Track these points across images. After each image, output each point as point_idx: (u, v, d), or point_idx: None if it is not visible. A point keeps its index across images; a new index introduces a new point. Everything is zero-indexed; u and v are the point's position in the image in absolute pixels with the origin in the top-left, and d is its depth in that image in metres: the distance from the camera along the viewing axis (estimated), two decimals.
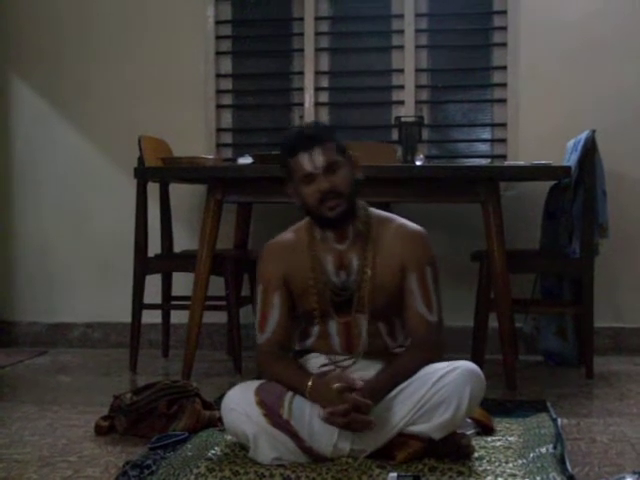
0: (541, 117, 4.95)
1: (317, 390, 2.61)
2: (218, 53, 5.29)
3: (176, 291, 4.90)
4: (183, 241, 5.01)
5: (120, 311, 4.95)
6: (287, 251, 2.84)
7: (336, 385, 2.56)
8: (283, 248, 2.85)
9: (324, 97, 5.26)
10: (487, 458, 2.67)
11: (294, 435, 2.60)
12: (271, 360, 2.79)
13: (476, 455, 2.68)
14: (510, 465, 2.61)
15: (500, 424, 3.09)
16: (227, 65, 5.34)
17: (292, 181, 2.77)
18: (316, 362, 2.82)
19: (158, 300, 4.86)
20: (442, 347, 2.80)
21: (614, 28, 4.93)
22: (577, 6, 4.95)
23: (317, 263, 2.79)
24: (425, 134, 5.00)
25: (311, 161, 2.68)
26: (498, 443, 2.86)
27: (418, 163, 4.25)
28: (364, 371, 2.74)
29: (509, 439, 2.91)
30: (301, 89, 5.24)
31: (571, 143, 4.50)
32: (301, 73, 5.24)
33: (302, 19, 5.23)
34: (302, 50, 5.23)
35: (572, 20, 4.95)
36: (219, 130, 5.29)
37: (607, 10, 4.93)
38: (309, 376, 2.68)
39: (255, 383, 2.73)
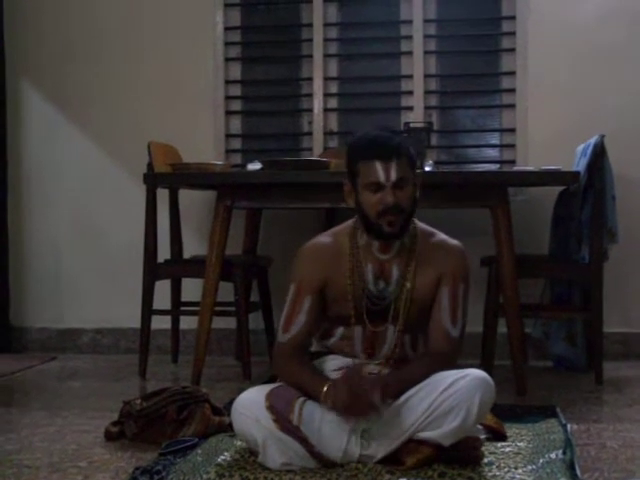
0: (550, 122, 4.95)
1: (331, 394, 2.60)
2: (227, 59, 5.30)
3: (185, 297, 4.90)
4: (192, 247, 5.02)
5: (129, 317, 4.95)
6: (326, 255, 2.82)
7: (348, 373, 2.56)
8: (322, 252, 2.83)
9: (333, 103, 5.27)
10: (497, 464, 2.67)
11: (304, 440, 2.60)
12: (289, 361, 2.78)
13: (485, 461, 2.68)
14: (520, 471, 2.60)
15: (509, 430, 3.08)
16: (236, 71, 5.35)
17: (354, 182, 2.74)
18: (332, 364, 2.82)
19: (167, 306, 4.86)
20: (456, 360, 2.80)
21: (623, 33, 4.92)
22: (586, 11, 4.95)
23: (357, 269, 2.79)
24: (434, 140, 5.00)
25: (385, 172, 2.66)
26: (507, 449, 2.85)
27: (427, 169, 4.25)
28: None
29: (518, 445, 2.91)
30: (310, 95, 5.25)
31: (580, 148, 4.50)
32: (310, 79, 5.25)
33: (311, 25, 5.24)
34: (311, 56, 5.24)
35: (581, 25, 4.95)
36: (228, 136, 5.30)
37: (616, 15, 4.93)
38: (325, 381, 2.67)
39: (265, 388, 2.73)
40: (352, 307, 2.78)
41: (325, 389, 2.63)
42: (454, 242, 2.85)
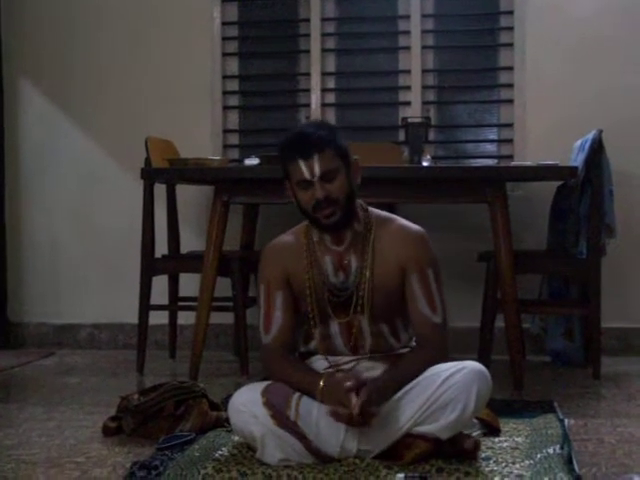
0: (548, 117, 4.95)
1: (329, 390, 2.60)
2: (225, 54, 5.30)
3: (183, 292, 4.90)
4: (190, 242, 5.01)
5: (127, 312, 4.95)
6: (286, 252, 2.84)
7: (347, 384, 2.55)
8: (282, 249, 2.86)
9: (330, 98, 5.26)
10: (494, 459, 2.67)
11: (301, 436, 2.60)
12: (279, 360, 2.79)
13: (483, 456, 2.68)
14: (517, 466, 2.61)
15: (507, 424, 3.08)
16: (234, 66, 5.34)
17: (290, 182, 2.76)
18: (319, 365, 2.82)
19: (165, 301, 4.86)
20: (446, 348, 2.79)
21: (621, 27, 4.92)
22: (584, 6, 4.95)
23: (315, 264, 2.79)
24: (432, 135, 5.00)
25: (308, 169, 2.67)
26: (505, 444, 2.85)
27: (425, 164, 4.25)
28: (369, 372, 2.73)
29: (516, 440, 2.91)
30: (308, 90, 5.24)
31: (578, 143, 4.49)
32: (308, 74, 5.24)
33: (308, 20, 5.23)
34: (308, 51, 5.23)
35: (579, 20, 4.95)
36: (226, 131, 5.30)
37: (614, 9, 4.93)
38: (320, 376, 2.67)
39: (262, 384, 2.73)
40: (312, 302, 2.78)
41: (322, 384, 2.63)
42: (414, 227, 2.82)
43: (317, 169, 2.66)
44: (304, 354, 2.89)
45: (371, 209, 2.85)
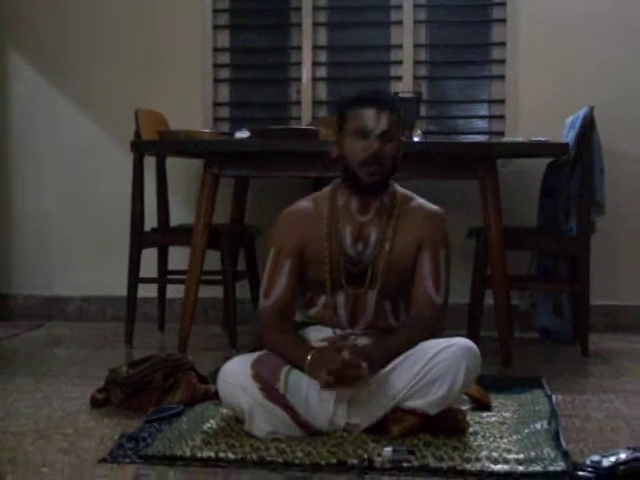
0: (539, 94, 4.94)
1: (315, 364, 2.60)
2: (216, 27, 5.26)
3: (172, 265, 4.89)
4: (179, 215, 5.00)
5: (116, 285, 4.93)
6: (305, 219, 2.83)
7: (334, 345, 2.58)
8: (301, 216, 2.85)
9: (322, 72, 5.24)
10: (482, 433, 2.68)
11: (290, 409, 2.60)
12: (273, 328, 2.79)
13: (471, 430, 2.69)
14: (505, 440, 2.62)
15: (495, 400, 3.09)
16: (224, 39, 5.31)
17: (342, 130, 2.77)
18: (315, 335, 2.81)
19: (154, 274, 4.85)
20: (435, 327, 2.80)
21: (613, 4, 4.91)
22: None
23: (335, 232, 2.80)
24: (423, 110, 4.98)
25: (376, 120, 2.70)
26: (493, 419, 2.86)
27: (416, 139, 4.24)
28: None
29: (504, 415, 2.92)
30: (299, 64, 5.22)
31: (569, 120, 4.49)
32: (299, 48, 5.22)
33: None
34: (300, 24, 5.20)
35: None
36: (216, 104, 5.27)
37: None
38: (309, 350, 2.67)
39: (251, 356, 2.73)
40: (328, 270, 2.78)
41: (309, 358, 2.63)
42: (434, 207, 2.87)
43: (384, 123, 2.71)
44: (301, 324, 2.88)
45: (397, 186, 2.87)
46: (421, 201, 2.88)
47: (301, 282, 2.85)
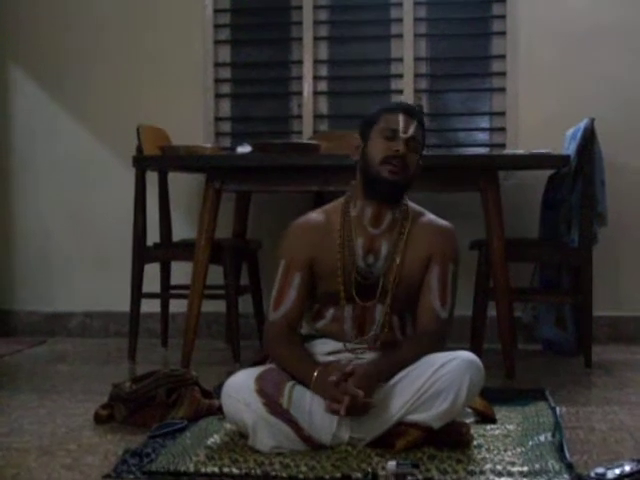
0: (540, 106, 4.94)
1: (321, 383, 2.61)
2: (217, 42, 5.28)
3: (175, 280, 4.89)
4: (182, 230, 5.00)
5: (119, 300, 4.94)
6: (316, 231, 2.83)
7: (330, 378, 2.56)
8: (312, 229, 2.85)
9: (323, 86, 5.25)
10: (486, 446, 2.68)
11: (294, 424, 2.60)
12: (280, 342, 2.79)
13: (475, 443, 2.69)
14: (509, 453, 2.61)
15: (499, 413, 3.09)
16: (226, 54, 5.33)
17: (368, 132, 2.79)
18: (322, 348, 2.82)
19: (157, 289, 4.85)
20: (443, 342, 2.81)
21: (614, 16, 4.92)
22: None
23: (348, 244, 2.80)
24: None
25: (406, 125, 2.75)
26: (497, 431, 2.86)
27: None
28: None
29: (508, 427, 2.92)
30: (300, 78, 5.23)
31: (570, 132, 4.49)
32: (300, 62, 5.23)
33: (301, 7, 5.21)
34: (301, 39, 5.22)
35: (572, 8, 4.94)
36: (218, 119, 5.29)
37: None
38: (315, 367, 2.67)
39: (255, 371, 2.73)
40: (342, 282, 2.78)
41: (315, 375, 2.63)
42: (445, 222, 2.89)
43: (411, 129, 2.76)
44: (307, 337, 2.88)
45: (409, 201, 2.89)
46: (432, 217, 2.89)
47: (310, 295, 2.85)
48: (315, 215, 2.89)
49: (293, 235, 2.86)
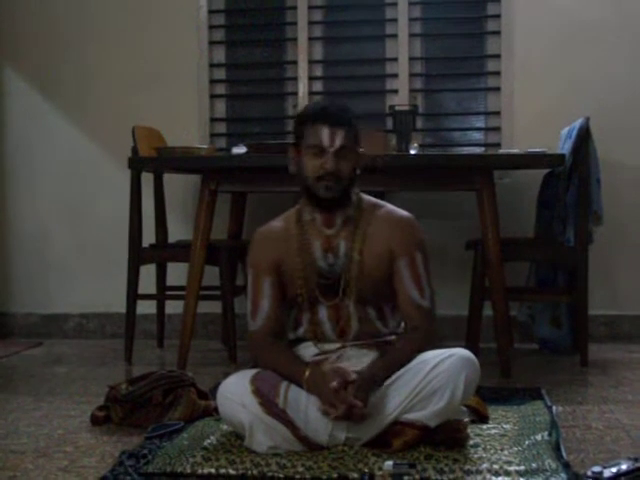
0: (535, 105, 4.95)
1: (314, 381, 2.62)
2: (211, 42, 5.28)
3: (171, 281, 4.89)
4: (177, 231, 5.01)
5: (115, 302, 4.94)
6: (276, 238, 2.85)
7: (332, 384, 2.56)
8: (272, 235, 2.87)
9: (318, 86, 5.26)
10: (482, 446, 2.68)
11: (290, 424, 2.60)
12: (266, 348, 2.80)
13: (471, 443, 2.69)
14: (505, 452, 2.61)
15: (495, 412, 3.09)
16: (220, 54, 5.32)
17: (299, 146, 2.78)
18: (306, 352, 2.82)
19: (153, 290, 4.86)
20: (435, 333, 2.81)
21: (608, 15, 4.92)
22: None
23: (304, 247, 2.81)
24: (419, 123, 5.00)
25: (330, 137, 2.70)
26: (493, 431, 2.86)
27: (412, 152, 4.25)
28: (356, 359, 2.75)
29: (504, 427, 2.92)
30: (295, 78, 5.23)
31: (565, 131, 4.50)
32: (295, 62, 5.23)
33: (295, 8, 5.21)
34: (296, 39, 5.22)
35: (566, 7, 4.95)
36: (213, 120, 5.28)
37: None
38: (306, 365, 2.68)
39: (251, 372, 2.73)
40: (301, 285, 2.79)
41: (307, 374, 2.64)
42: (403, 213, 2.86)
43: (338, 141, 2.70)
44: (293, 341, 2.89)
45: (362, 195, 2.87)
46: (390, 208, 2.87)
47: (284, 299, 2.86)
48: (274, 223, 2.92)
49: (256, 243, 2.89)
